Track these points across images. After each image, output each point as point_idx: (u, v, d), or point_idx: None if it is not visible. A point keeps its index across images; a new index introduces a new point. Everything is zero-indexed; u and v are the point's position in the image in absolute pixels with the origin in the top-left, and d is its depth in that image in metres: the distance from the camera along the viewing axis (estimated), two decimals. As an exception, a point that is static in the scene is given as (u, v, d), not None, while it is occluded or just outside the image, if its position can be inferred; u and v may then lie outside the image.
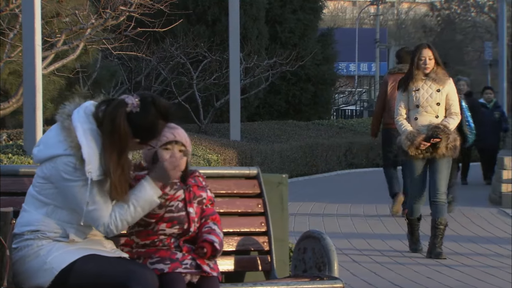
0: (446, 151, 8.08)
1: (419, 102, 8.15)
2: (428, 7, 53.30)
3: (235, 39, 16.07)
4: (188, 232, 4.14)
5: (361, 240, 9.21)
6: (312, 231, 4.63)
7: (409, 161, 8.19)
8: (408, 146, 8.05)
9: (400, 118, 8.23)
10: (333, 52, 25.79)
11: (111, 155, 3.89)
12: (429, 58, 8.19)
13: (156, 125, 3.94)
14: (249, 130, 18.41)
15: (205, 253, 4.10)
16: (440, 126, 8.07)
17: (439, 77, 8.19)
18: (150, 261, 4.03)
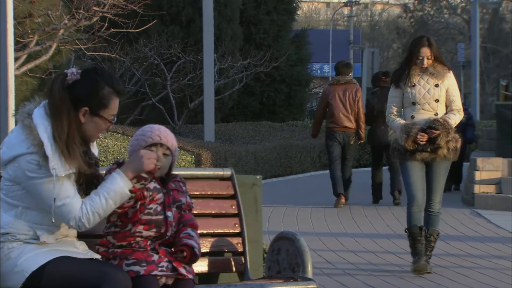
0: (447, 152, 7.30)
1: (416, 98, 7.33)
2: (401, 8, 53.56)
3: (209, 40, 16.05)
4: (165, 236, 4.13)
5: (335, 241, 9.23)
6: (286, 232, 4.62)
7: (406, 163, 7.37)
8: (405, 139, 7.23)
9: (392, 116, 7.43)
10: (307, 53, 25.83)
11: (55, 124, 3.85)
12: (428, 58, 7.37)
13: (100, 90, 3.90)
14: (223, 131, 18.39)
15: (184, 256, 4.09)
16: (440, 120, 7.28)
17: (437, 70, 7.37)
18: (126, 263, 4.01)
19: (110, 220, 4.11)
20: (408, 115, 7.40)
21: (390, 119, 7.46)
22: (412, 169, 7.35)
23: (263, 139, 18.37)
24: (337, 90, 12.21)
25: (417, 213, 7.40)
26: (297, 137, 19.59)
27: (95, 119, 3.94)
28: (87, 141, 4.00)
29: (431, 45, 7.37)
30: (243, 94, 23.13)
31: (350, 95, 12.16)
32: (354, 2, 57.04)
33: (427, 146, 7.32)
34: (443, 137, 7.25)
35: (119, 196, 3.94)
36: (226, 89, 20.09)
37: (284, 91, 24.66)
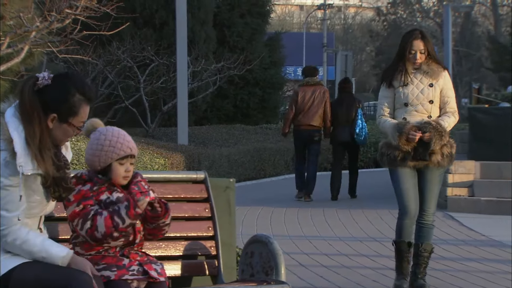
0: (442, 159, 6.60)
1: (408, 99, 6.63)
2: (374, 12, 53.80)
3: (183, 42, 16.02)
4: (134, 243, 4.11)
5: (308, 243, 9.23)
6: (259, 235, 4.62)
7: (396, 170, 6.65)
8: (398, 137, 6.49)
9: (383, 117, 6.71)
10: (281, 56, 25.86)
11: (27, 128, 3.81)
12: (421, 52, 6.66)
13: (71, 97, 3.85)
14: (196, 134, 18.36)
15: (159, 210, 4.07)
16: (432, 122, 6.55)
17: (432, 69, 6.68)
18: (97, 268, 3.98)
19: (76, 231, 4.07)
20: (400, 118, 6.66)
21: (381, 121, 6.72)
22: (403, 177, 6.63)
23: (237, 142, 18.36)
24: (306, 91, 13.18)
25: (408, 227, 6.69)
26: (270, 140, 19.60)
27: (64, 126, 3.89)
28: (56, 144, 3.96)
29: (425, 39, 6.69)
30: (216, 97, 23.12)
31: (318, 96, 13.10)
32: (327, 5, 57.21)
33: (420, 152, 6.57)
34: (437, 141, 6.53)
35: (49, 259, 3.87)
36: (200, 92, 20.06)
37: (257, 94, 24.67)
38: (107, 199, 4.05)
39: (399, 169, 6.63)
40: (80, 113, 3.89)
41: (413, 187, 6.64)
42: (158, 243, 4.49)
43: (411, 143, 6.54)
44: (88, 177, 4.10)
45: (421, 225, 6.75)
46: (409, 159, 6.57)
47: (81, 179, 4.08)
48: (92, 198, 4.04)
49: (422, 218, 6.73)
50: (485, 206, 11.82)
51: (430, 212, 6.72)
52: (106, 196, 4.06)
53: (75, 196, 4.04)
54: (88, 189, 4.05)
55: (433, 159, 6.60)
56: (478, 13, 48.39)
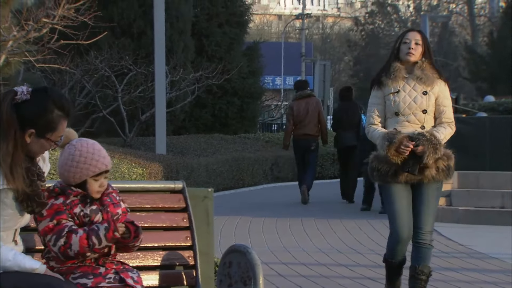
0: (436, 173, 5.98)
1: (399, 108, 6.00)
2: (352, 21, 53.99)
3: (161, 52, 16.00)
4: (108, 254, 4.08)
5: (287, 253, 9.22)
6: (238, 245, 4.60)
7: (387, 186, 6.03)
8: (387, 147, 5.88)
9: (372, 126, 6.09)
10: (259, 66, 25.88)
11: (1, 145, 3.77)
12: (416, 43, 6.02)
13: (49, 113, 3.82)
14: (175, 144, 18.32)
15: (128, 234, 4.03)
16: (426, 134, 5.93)
17: (426, 74, 6.01)
18: (73, 276, 3.95)
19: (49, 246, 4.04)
20: (390, 128, 6.04)
21: (370, 130, 6.08)
22: (396, 195, 6.00)
23: (215, 151, 18.33)
24: (300, 104, 14.08)
25: (400, 251, 6.08)
26: (249, 149, 19.59)
27: (41, 140, 3.86)
28: (31, 158, 3.93)
29: (422, 33, 6.13)
30: (195, 106, 23.09)
31: (311, 107, 14.01)
32: (305, 15, 57.39)
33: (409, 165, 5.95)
34: (431, 155, 5.89)
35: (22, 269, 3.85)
36: (178, 102, 20.02)
37: (236, 103, 24.67)
38: (80, 212, 4.02)
39: (391, 186, 6.00)
40: (59, 129, 3.86)
41: (406, 207, 6.00)
42: (135, 253, 4.46)
43: (401, 155, 5.91)
44: (61, 190, 4.05)
45: (417, 245, 6.08)
46: (399, 173, 5.96)
47: (53, 192, 4.03)
48: (65, 212, 4.00)
49: (418, 237, 6.05)
50: (463, 215, 11.86)
51: (427, 230, 6.04)
52: (79, 209, 4.02)
53: (47, 211, 3.99)
54: (61, 203, 4.00)
55: (426, 174, 5.97)
56: (456, 23, 48.69)
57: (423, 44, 6.05)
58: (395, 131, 5.98)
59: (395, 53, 6.09)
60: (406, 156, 5.92)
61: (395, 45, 6.12)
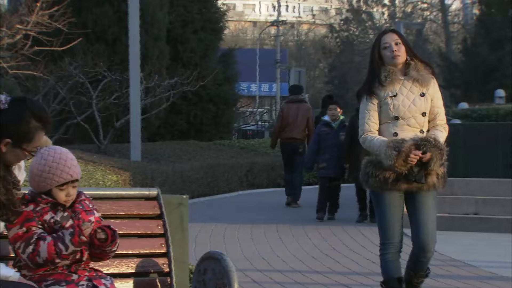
0: (437, 180, 5.70)
1: (399, 112, 5.67)
2: (327, 28, 54.13)
3: (135, 58, 15.96)
4: (81, 261, 4.06)
5: (262, 260, 9.21)
6: (212, 252, 4.59)
7: (383, 195, 5.67)
8: (395, 157, 5.50)
9: (369, 134, 5.72)
10: (234, 72, 25.88)
11: None
12: (396, 43, 5.70)
13: (26, 124, 3.79)
14: (150, 151, 18.26)
15: (105, 238, 4.00)
16: (430, 139, 5.62)
17: (423, 75, 5.72)
18: (45, 284, 3.93)
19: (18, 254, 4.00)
20: (388, 133, 5.68)
21: (367, 139, 5.70)
22: (391, 204, 5.67)
23: (190, 158, 18.30)
24: (291, 107, 14.39)
25: (394, 262, 5.74)
26: (224, 156, 19.57)
27: (17, 150, 3.83)
28: (6, 166, 3.89)
29: (397, 32, 5.85)
30: (170, 113, 23.04)
31: (302, 112, 14.28)
32: (280, 22, 57.47)
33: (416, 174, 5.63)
34: (437, 161, 5.62)
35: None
36: (153, 108, 19.97)
37: (211, 110, 24.64)
38: (51, 219, 3.99)
39: (387, 195, 5.65)
40: (35, 139, 3.84)
41: (399, 218, 5.69)
42: (110, 260, 4.44)
43: (409, 164, 5.58)
44: (31, 197, 4.03)
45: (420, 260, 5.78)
46: (402, 181, 5.60)
47: (23, 200, 4.01)
48: (35, 219, 3.97)
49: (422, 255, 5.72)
50: (437, 222, 11.89)
51: (430, 245, 5.69)
52: (50, 216, 4.00)
53: (17, 218, 3.96)
54: (31, 210, 3.98)
55: (428, 181, 5.66)
56: (430, 30, 48.93)
57: (402, 42, 5.75)
58: (400, 139, 5.62)
59: (378, 61, 5.75)
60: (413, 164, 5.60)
61: (373, 53, 5.78)
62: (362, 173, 5.75)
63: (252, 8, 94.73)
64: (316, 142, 12.89)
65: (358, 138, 5.82)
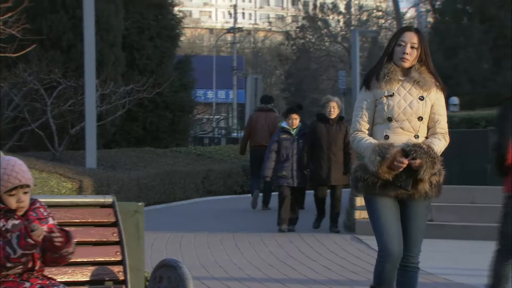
0: (430, 188, 5.39)
1: (393, 113, 5.34)
2: (283, 36, 54.30)
3: (91, 65, 15.86)
4: (33, 270, 4.01)
5: (219, 268, 9.18)
6: (168, 260, 4.56)
7: (375, 200, 5.38)
8: (379, 163, 5.23)
9: (359, 134, 5.42)
10: (191, 79, 25.84)
11: None
12: (413, 46, 5.36)
13: None
14: (105, 158, 18.15)
15: (60, 240, 3.95)
16: (423, 146, 5.29)
17: (424, 78, 5.38)
18: (-3, 293, 3.88)
19: None
20: (380, 135, 5.37)
21: (356, 139, 5.41)
22: (384, 209, 5.36)
23: (146, 165, 18.21)
24: (260, 116, 15.11)
25: (391, 272, 5.38)
26: (181, 163, 19.50)
27: None
28: None
29: (420, 34, 5.44)
30: (126, 120, 22.92)
31: (270, 120, 14.94)
32: (237, 29, 57.56)
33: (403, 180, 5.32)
34: (428, 170, 5.28)
35: None
36: (109, 115, 19.86)
37: (167, 117, 24.57)
38: (2, 227, 3.94)
39: (379, 199, 5.35)
40: None
41: (396, 221, 5.38)
42: (64, 268, 4.40)
43: (394, 172, 5.28)
44: None
45: (405, 268, 5.47)
46: (390, 187, 5.32)
47: None
48: None
49: (406, 260, 5.44)
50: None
51: (415, 252, 5.48)
52: (1, 224, 3.95)
53: None
54: None
55: (419, 188, 5.36)
56: (385, 38, 49.25)
57: (419, 47, 5.39)
58: (387, 143, 5.29)
59: (389, 53, 5.43)
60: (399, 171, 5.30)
61: (390, 44, 5.45)
62: (352, 177, 5.48)
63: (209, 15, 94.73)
64: (273, 150, 12.50)
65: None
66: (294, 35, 50.56)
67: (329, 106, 12.01)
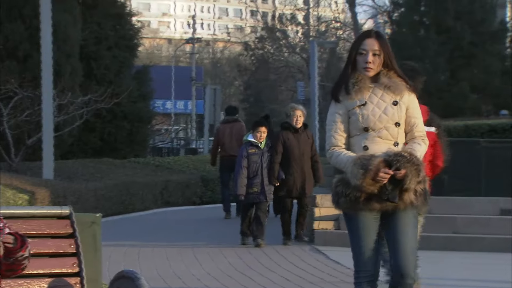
0: (415, 198, 5.05)
1: (368, 122, 5.07)
2: (242, 46, 54.37)
3: (48, 75, 15.75)
4: None
5: (177, 279, 9.14)
6: (126, 271, 4.53)
7: (356, 216, 5.07)
8: (362, 175, 4.94)
9: (335, 149, 5.12)
10: (149, 90, 25.74)
11: None
12: (375, 53, 5.11)
13: None
14: (62, 169, 18.00)
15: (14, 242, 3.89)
16: (405, 154, 5.00)
17: (395, 82, 5.13)
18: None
19: None
20: (359, 147, 5.09)
21: (334, 154, 5.11)
22: (366, 226, 5.06)
23: (104, 176, 18.10)
24: (226, 127, 15.50)
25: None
26: (139, 174, 19.41)
27: None
28: None
29: (381, 39, 5.17)
30: (83, 130, 22.76)
31: (236, 130, 15.33)
32: (195, 39, 57.53)
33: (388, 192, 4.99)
34: (413, 178, 4.97)
35: None
36: (66, 126, 19.71)
37: (126, 127, 24.45)
38: None
39: (361, 215, 5.04)
40: None
41: (375, 241, 5.08)
42: (20, 280, 4.35)
43: (378, 184, 4.97)
44: None
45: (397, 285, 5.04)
46: (375, 200, 4.99)
47: None
48: None
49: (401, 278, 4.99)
50: (350, 238, 11.97)
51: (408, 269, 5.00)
52: None
53: None
54: None
55: (405, 198, 5.03)
56: (343, 49, 49.54)
57: (382, 52, 5.13)
58: (368, 155, 5.00)
59: (352, 63, 5.19)
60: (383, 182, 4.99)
61: (351, 54, 5.21)
62: (332, 193, 5.15)
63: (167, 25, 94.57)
64: (243, 166, 11.78)
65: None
66: (253, 46, 50.65)
67: (295, 115, 11.83)
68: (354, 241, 5.10)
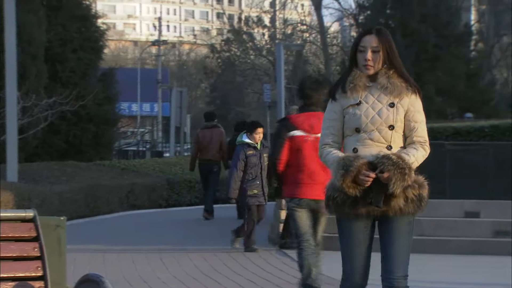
0: (405, 204, 4.81)
1: (360, 123, 4.86)
2: (208, 49, 54.34)
3: (12, 77, 15.62)
4: None
5: (143, 283, 9.10)
6: (91, 275, 4.50)
7: (345, 220, 4.92)
8: (341, 176, 4.76)
9: (326, 148, 4.94)
10: (115, 92, 25.63)
11: None
12: (374, 50, 4.91)
13: None
14: (27, 171, 17.86)
15: None
16: (392, 157, 4.76)
17: (393, 83, 4.90)
18: None
19: None
20: (350, 148, 4.90)
21: (323, 153, 4.93)
22: (355, 232, 4.89)
23: (69, 179, 17.98)
24: (205, 133, 15.90)
25: None
26: (104, 177, 19.31)
27: None
28: None
29: (381, 35, 4.95)
30: (48, 133, 22.60)
31: (215, 136, 15.77)
32: (161, 41, 57.41)
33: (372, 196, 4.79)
34: (398, 182, 4.72)
35: None
36: (30, 128, 19.57)
37: (91, 130, 24.32)
38: None
39: (350, 223, 4.88)
40: None
41: (366, 248, 4.90)
42: (-17, 285, 4.29)
43: (360, 187, 4.77)
44: None
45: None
46: (361, 204, 4.79)
47: None
48: None
49: (391, 284, 4.85)
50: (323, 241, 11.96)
51: (399, 275, 4.85)
52: None
53: None
54: None
55: (393, 204, 4.79)
56: (309, 52, 49.69)
57: (382, 49, 4.92)
58: (353, 155, 4.81)
59: (353, 61, 4.99)
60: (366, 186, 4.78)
61: (351, 52, 5.02)
62: (326, 196, 4.94)
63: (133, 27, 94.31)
64: (240, 169, 11.48)
65: None
66: (219, 48, 50.64)
67: None
68: (342, 249, 4.97)
